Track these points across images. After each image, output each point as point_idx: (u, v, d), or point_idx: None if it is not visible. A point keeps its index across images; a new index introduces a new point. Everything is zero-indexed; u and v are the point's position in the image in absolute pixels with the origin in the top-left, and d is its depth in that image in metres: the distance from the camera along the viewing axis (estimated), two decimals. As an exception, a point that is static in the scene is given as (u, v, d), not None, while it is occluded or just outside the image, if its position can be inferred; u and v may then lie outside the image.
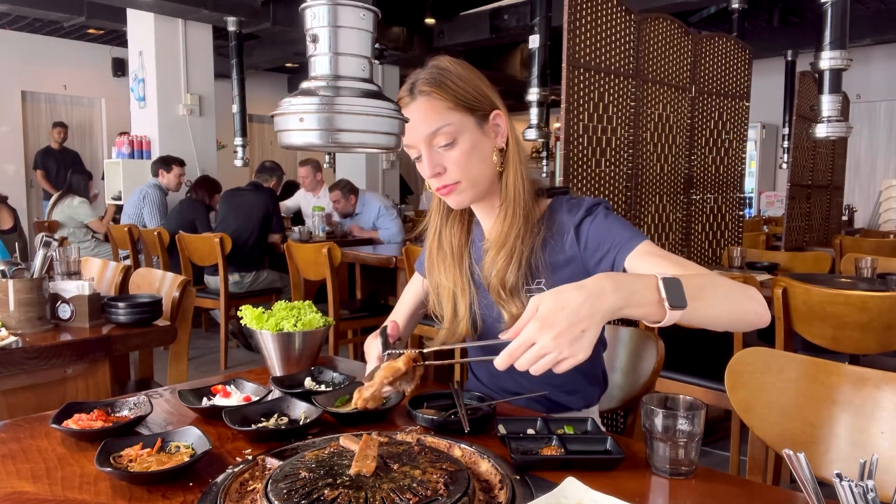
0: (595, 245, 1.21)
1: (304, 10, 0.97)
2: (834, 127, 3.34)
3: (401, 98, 1.22)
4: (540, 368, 0.87)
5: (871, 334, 2.12)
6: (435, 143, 1.20)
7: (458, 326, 1.33)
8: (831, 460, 1.18)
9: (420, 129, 1.19)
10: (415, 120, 1.18)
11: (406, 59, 7.96)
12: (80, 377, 1.79)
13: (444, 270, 1.35)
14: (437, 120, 1.19)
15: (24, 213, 8.06)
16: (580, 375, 1.35)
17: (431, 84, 1.19)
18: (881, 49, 8.11)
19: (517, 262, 1.24)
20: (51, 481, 0.92)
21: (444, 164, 1.21)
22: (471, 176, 1.22)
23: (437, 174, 1.21)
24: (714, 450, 2.87)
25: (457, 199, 1.26)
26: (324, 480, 0.85)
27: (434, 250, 1.37)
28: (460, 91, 1.20)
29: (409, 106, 1.20)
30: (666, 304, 0.92)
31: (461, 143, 1.20)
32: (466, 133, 1.20)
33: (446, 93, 1.19)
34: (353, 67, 0.97)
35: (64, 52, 8.43)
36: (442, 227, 1.36)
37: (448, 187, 1.23)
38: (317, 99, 1.01)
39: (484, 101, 1.23)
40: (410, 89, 1.21)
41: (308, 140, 1.58)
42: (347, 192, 5.19)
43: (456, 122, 1.19)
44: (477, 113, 1.22)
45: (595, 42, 2.62)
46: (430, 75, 1.21)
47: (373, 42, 1.07)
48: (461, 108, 1.20)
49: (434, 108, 1.19)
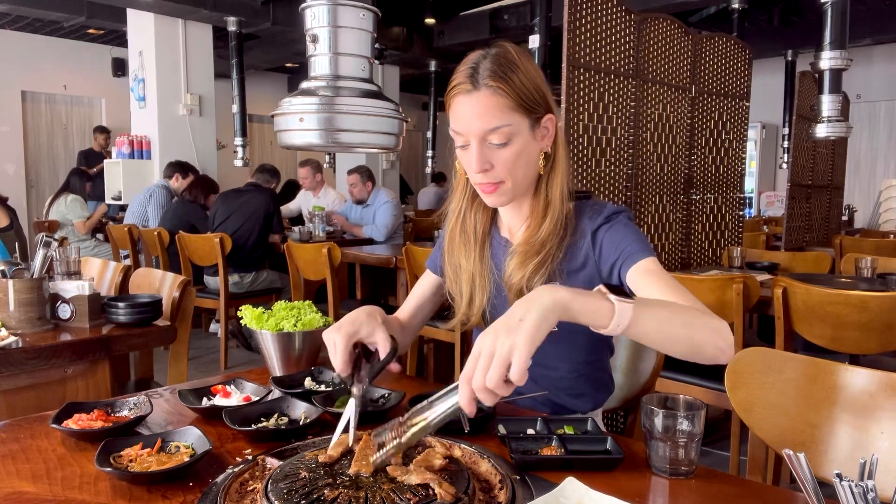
0: (607, 252, 1.21)
1: (304, 10, 0.97)
2: (834, 127, 3.35)
3: (459, 83, 1.16)
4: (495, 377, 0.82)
5: (871, 334, 2.12)
6: (489, 139, 1.16)
7: (472, 314, 1.32)
8: (831, 460, 1.18)
9: (477, 123, 1.15)
10: (473, 112, 1.14)
11: (406, 59, 7.96)
12: (80, 377, 1.79)
13: (464, 253, 1.32)
14: (499, 118, 1.14)
15: (24, 213, 8.06)
16: (586, 380, 1.34)
17: (498, 79, 1.14)
18: (881, 49, 8.11)
19: (546, 270, 1.23)
20: (51, 481, 0.92)
21: (493, 161, 1.17)
22: (516, 178, 1.20)
23: (485, 170, 1.18)
24: (714, 450, 2.87)
25: (497, 200, 1.23)
26: (324, 480, 0.85)
27: (456, 233, 1.34)
28: (524, 91, 1.15)
29: (469, 95, 1.15)
30: (613, 320, 0.92)
31: (514, 145, 1.17)
32: (520, 135, 1.17)
33: (511, 90, 1.14)
34: (353, 67, 0.97)
35: (64, 52, 8.43)
36: (467, 210, 1.33)
37: (492, 185, 1.20)
38: (317, 99, 1.01)
39: (542, 105, 1.19)
40: (472, 77, 1.15)
41: (308, 140, 1.58)
42: (366, 178, 5.19)
43: (514, 123, 1.15)
44: (533, 115, 1.18)
45: (595, 42, 2.62)
46: (497, 67, 1.14)
47: (373, 42, 1.07)
48: (522, 109, 1.16)
49: (497, 105, 1.14)
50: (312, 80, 1.61)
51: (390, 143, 1.65)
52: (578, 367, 1.33)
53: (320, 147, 1.63)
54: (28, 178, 8.37)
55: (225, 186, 5.27)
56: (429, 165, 8.88)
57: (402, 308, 1.45)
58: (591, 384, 1.36)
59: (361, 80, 1.60)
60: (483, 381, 0.83)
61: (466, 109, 1.15)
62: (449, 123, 1.22)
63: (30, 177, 8.40)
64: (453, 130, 1.19)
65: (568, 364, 1.32)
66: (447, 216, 1.37)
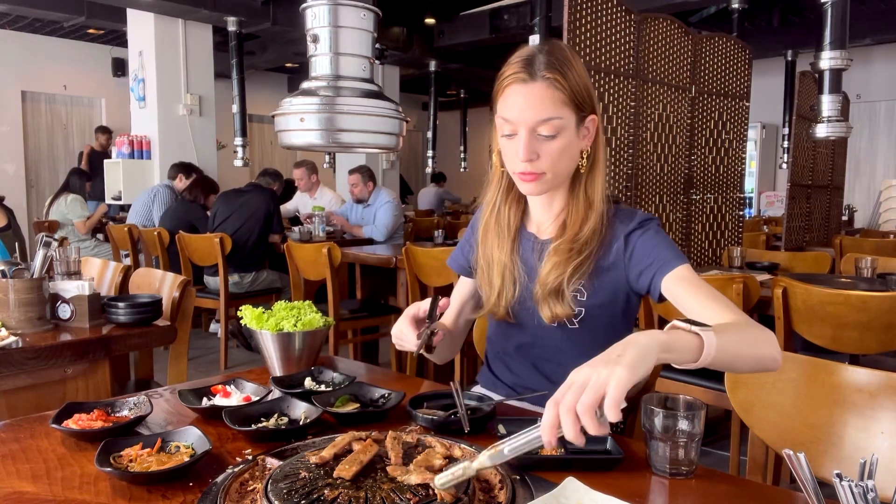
0: (640, 257, 1.23)
1: (304, 11, 0.97)
2: (834, 127, 3.34)
3: (516, 73, 1.18)
4: (587, 401, 0.78)
5: (871, 334, 2.12)
6: (539, 130, 1.18)
7: (500, 307, 1.33)
8: (831, 460, 1.18)
9: (530, 114, 1.17)
10: (528, 102, 1.16)
11: (406, 59, 7.96)
12: (80, 377, 1.79)
13: (497, 245, 1.34)
14: (552, 110, 1.17)
15: (24, 213, 8.06)
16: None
17: (555, 71, 1.16)
18: (881, 49, 8.11)
19: (585, 271, 1.25)
20: (51, 481, 0.92)
21: (540, 152, 1.19)
22: (558, 171, 1.22)
23: (531, 160, 1.20)
24: (714, 450, 2.87)
25: (535, 188, 1.24)
26: (324, 480, 0.85)
27: (491, 224, 1.35)
28: (577, 87, 1.18)
29: (525, 84, 1.17)
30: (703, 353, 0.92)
31: (561, 139, 1.19)
32: (568, 130, 1.19)
33: (567, 84, 1.17)
34: (354, 67, 0.97)
35: (64, 52, 8.43)
36: (501, 203, 1.35)
37: (534, 175, 1.21)
38: (317, 99, 1.01)
39: (589, 103, 1.22)
40: (529, 67, 1.17)
41: (309, 140, 1.58)
42: (367, 178, 5.19)
43: (565, 117, 1.18)
44: (580, 113, 1.21)
45: (595, 42, 2.62)
46: (555, 59, 1.17)
47: (373, 42, 1.07)
48: (573, 104, 1.18)
49: (552, 97, 1.16)
50: (313, 80, 1.62)
51: (391, 143, 1.65)
52: None
53: (321, 147, 1.63)
54: (28, 178, 8.37)
55: (225, 186, 5.27)
56: (429, 165, 8.88)
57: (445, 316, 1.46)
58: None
59: (362, 81, 1.61)
60: (573, 404, 0.79)
61: (520, 99, 1.17)
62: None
63: (30, 177, 8.40)
64: (502, 118, 1.20)
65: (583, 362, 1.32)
66: (481, 208, 1.39)
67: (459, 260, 1.47)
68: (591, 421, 0.78)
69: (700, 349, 0.92)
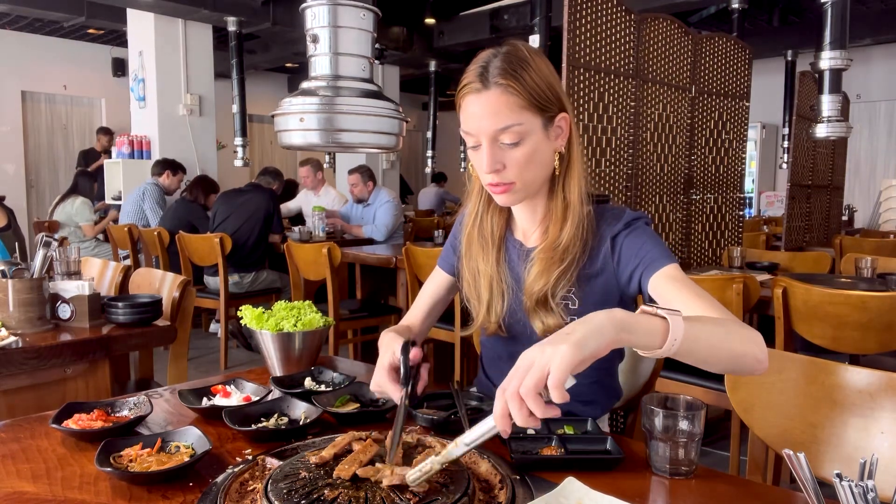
0: (627, 259, 1.18)
1: (304, 10, 0.97)
2: (834, 127, 3.35)
3: (469, 83, 1.14)
4: (529, 384, 0.77)
5: (871, 334, 2.12)
6: (500, 139, 1.13)
7: (491, 321, 1.29)
8: (831, 460, 1.18)
9: (488, 123, 1.12)
10: (484, 112, 1.12)
11: (406, 59, 7.96)
12: (80, 377, 1.79)
13: (482, 257, 1.29)
14: (509, 117, 1.12)
15: (24, 213, 8.06)
16: (598, 386, 1.32)
17: (508, 76, 1.11)
18: (881, 49, 8.11)
19: (570, 277, 1.20)
20: (51, 481, 0.92)
21: (505, 161, 1.15)
22: (527, 179, 1.17)
23: (496, 171, 1.15)
24: (714, 450, 2.87)
25: (507, 199, 1.21)
26: (324, 480, 0.85)
27: (474, 236, 1.31)
28: (536, 89, 1.13)
29: (479, 94, 1.12)
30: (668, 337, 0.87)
31: (526, 145, 1.14)
32: (533, 135, 1.14)
33: (522, 89, 1.11)
34: (354, 67, 0.97)
35: (64, 52, 8.43)
36: (483, 212, 1.31)
37: (502, 186, 1.17)
38: (317, 99, 1.01)
39: (554, 102, 1.16)
40: (483, 76, 1.12)
41: (308, 140, 1.58)
42: (367, 178, 5.20)
43: (526, 122, 1.13)
44: (546, 114, 1.15)
45: (595, 42, 2.62)
46: (508, 65, 1.12)
47: (373, 42, 1.07)
48: (533, 107, 1.13)
49: (508, 104, 1.11)
50: (313, 80, 1.62)
51: (390, 143, 1.65)
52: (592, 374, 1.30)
53: (320, 147, 1.63)
54: (28, 178, 8.37)
55: (225, 186, 5.27)
56: (429, 165, 8.88)
57: (414, 311, 1.41)
58: (603, 391, 1.34)
59: (362, 80, 1.61)
60: (517, 388, 0.78)
61: (476, 109, 1.13)
62: (452, 123, 1.21)
63: (30, 177, 8.39)
64: (464, 131, 1.17)
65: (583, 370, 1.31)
66: (464, 219, 1.35)
67: (451, 260, 1.41)
68: (535, 403, 0.77)
69: (665, 334, 0.87)
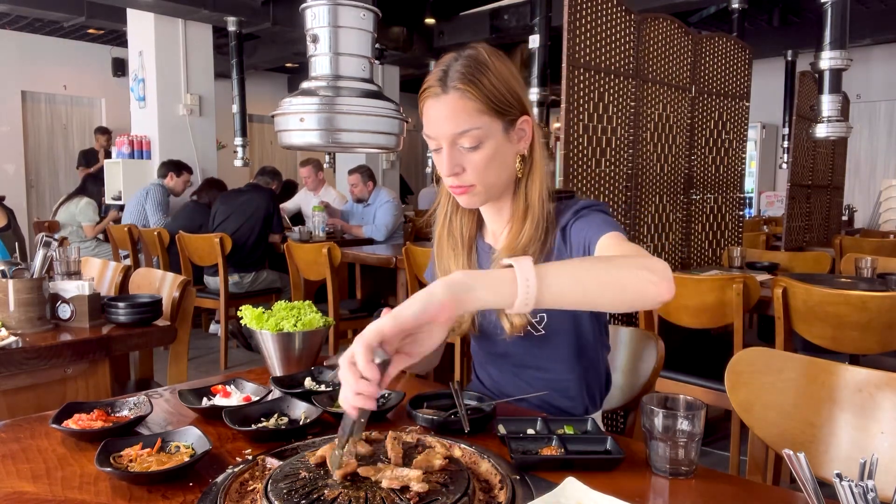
0: (577, 243, 1.19)
1: (304, 11, 0.97)
2: (834, 127, 3.34)
3: (430, 87, 1.16)
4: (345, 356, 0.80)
5: (871, 334, 2.12)
6: (459, 142, 1.15)
7: (463, 320, 1.30)
8: (831, 460, 1.18)
9: (446, 127, 1.15)
10: (442, 116, 1.14)
11: (406, 59, 7.96)
12: (80, 377, 1.79)
13: (453, 258, 1.31)
14: (467, 121, 1.14)
15: (24, 213, 8.06)
16: (583, 381, 1.33)
17: (466, 81, 1.13)
18: (881, 49, 8.11)
19: None
20: (51, 481, 0.92)
21: (465, 164, 1.17)
22: (488, 181, 1.19)
23: (456, 174, 1.17)
24: (714, 450, 2.87)
25: (469, 200, 1.23)
26: (324, 480, 0.85)
27: (444, 237, 1.33)
28: (495, 93, 1.14)
29: (438, 98, 1.15)
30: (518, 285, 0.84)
31: (485, 148, 1.16)
32: (492, 138, 1.16)
33: (480, 93, 1.13)
34: (354, 67, 0.96)
35: (64, 52, 8.43)
36: (452, 213, 1.33)
37: (462, 188, 1.19)
38: (317, 99, 1.01)
39: (515, 106, 1.18)
40: (442, 81, 1.14)
41: (308, 140, 1.58)
42: (367, 178, 5.21)
43: (485, 126, 1.14)
44: (506, 118, 1.17)
45: (595, 42, 2.62)
46: (466, 70, 1.14)
47: (373, 42, 1.07)
48: (492, 111, 1.15)
49: (465, 108, 1.13)
50: (312, 80, 1.62)
51: (390, 143, 1.65)
52: (573, 367, 1.32)
53: (320, 147, 1.63)
54: (28, 178, 8.37)
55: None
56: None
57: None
58: (589, 384, 1.35)
59: (362, 81, 1.60)
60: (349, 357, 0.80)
61: (435, 113, 1.15)
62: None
63: (30, 177, 8.39)
64: (425, 134, 1.18)
65: (561, 365, 1.31)
66: (435, 220, 1.36)
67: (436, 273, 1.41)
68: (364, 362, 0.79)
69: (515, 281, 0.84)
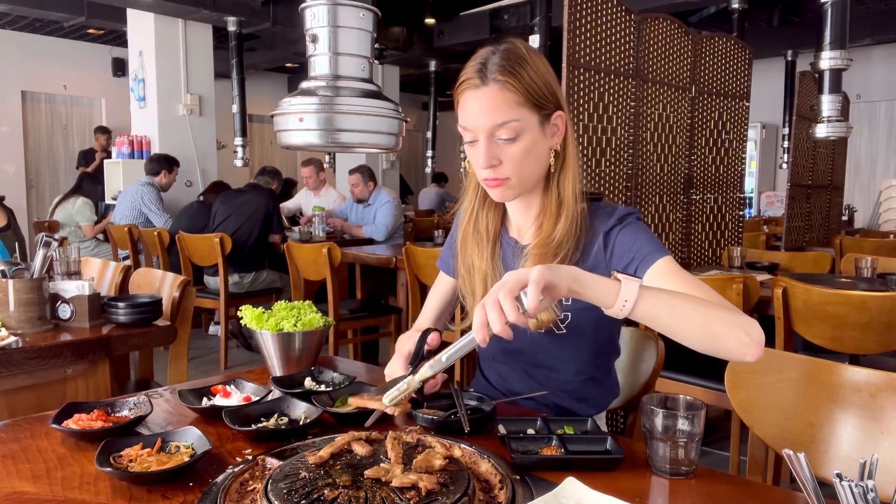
0: (620, 253, 1.19)
1: (303, 10, 0.97)
2: (834, 127, 3.35)
3: (468, 78, 1.16)
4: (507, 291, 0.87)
5: (871, 334, 2.12)
6: (497, 135, 1.15)
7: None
8: (831, 460, 1.18)
9: (486, 119, 1.14)
10: (481, 107, 1.14)
11: (406, 59, 7.96)
12: (80, 377, 1.79)
13: (477, 253, 1.31)
14: (507, 113, 1.14)
15: (24, 213, 8.06)
16: (592, 383, 1.33)
17: (506, 73, 1.13)
18: (881, 49, 8.11)
19: None
20: (51, 481, 0.92)
21: (501, 157, 1.16)
22: (523, 174, 1.19)
23: (493, 166, 1.17)
24: (714, 450, 2.87)
25: (502, 194, 1.22)
26: (324, 480, 0.85)
27: (469, 231, 1.33)
28: (533, 86, 1.15)
29: (477, 90, 1.15)
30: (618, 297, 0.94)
31: (522, 141, 1.16)
32: (529, 131, 1.16)
33: (520, 85, 1.13)
34: (353, 67, 0.97)
35: (64, 52, 8.42)
36: (479, 208, 1.32)
37: (498, 181, 1.19)
38: (316, 99, 1.01)
39: (551, 100, 1.18)
40: (481, 72, 1.14)
41: (308, 140, 1.58)
42: (367, 178, 5.21)
43: (523, 118, 1.15)
44: (542, 112, 1.17)
45: (595, 42, 2.62)
46: (506, 62, 1.14)
47: (372, 42, 1.07)
48: (530, 104, 1.15)
49: (505, 99, 1.13)
50: (312, 80, 1.62)
51: (390, 143, 1.65)
52: (585, 370, 1.32)
53: (320, 147, 1.63)
54: (28, 178, 8.37)
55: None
56: (429, 165, 8.88)
57: (424, 316, 1.43)
58: (597, 388, 1.35)
59: (361, 80, 1.60)
60: (495, 297, 0.87)
61: (474, 104, 1.15)
62: (452, 123, 1.21)
63: (30, 177, 8.39)
64: (461, 126, 1.18)
65: (574, 366, 1.31)
66: (459, 215, 1.36)
67: (449, 261, 1.43)
68: (511, 307, 0.87)
69: (618, 294, 0.94)
